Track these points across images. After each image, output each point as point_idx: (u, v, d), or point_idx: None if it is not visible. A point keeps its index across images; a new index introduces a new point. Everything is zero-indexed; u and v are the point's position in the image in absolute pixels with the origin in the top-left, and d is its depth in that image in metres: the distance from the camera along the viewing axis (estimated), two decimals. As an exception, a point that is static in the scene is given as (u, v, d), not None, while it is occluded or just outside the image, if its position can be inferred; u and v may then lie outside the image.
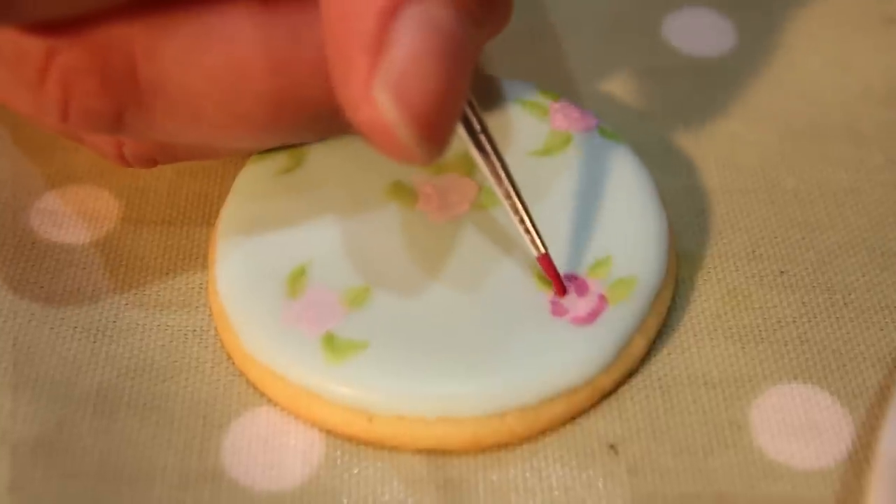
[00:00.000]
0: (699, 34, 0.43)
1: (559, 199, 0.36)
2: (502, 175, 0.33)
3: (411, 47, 0.27)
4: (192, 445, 0.33)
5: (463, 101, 0.29)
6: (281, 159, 0.36)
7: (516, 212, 0.33)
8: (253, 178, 0.36)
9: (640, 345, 0.34)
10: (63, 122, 0.30)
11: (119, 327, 0.35)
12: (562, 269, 0.34)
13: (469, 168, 0.36)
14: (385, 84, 0.27)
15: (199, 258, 0.37)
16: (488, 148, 0.32)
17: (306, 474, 0.32)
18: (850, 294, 0.36)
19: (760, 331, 0.35)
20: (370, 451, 0.33)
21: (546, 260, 0.34)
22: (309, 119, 0.32)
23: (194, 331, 0.35)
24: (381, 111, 0.28)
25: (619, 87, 0.41)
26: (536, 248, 0.34)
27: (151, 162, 0.35)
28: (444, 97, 0.28)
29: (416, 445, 0.32)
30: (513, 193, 0.33)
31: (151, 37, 0.30)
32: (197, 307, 0.36)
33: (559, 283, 0.34)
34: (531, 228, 0.33)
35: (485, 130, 0.32)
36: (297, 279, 0.34)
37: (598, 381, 0.33)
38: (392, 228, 0.35)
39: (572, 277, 0.34)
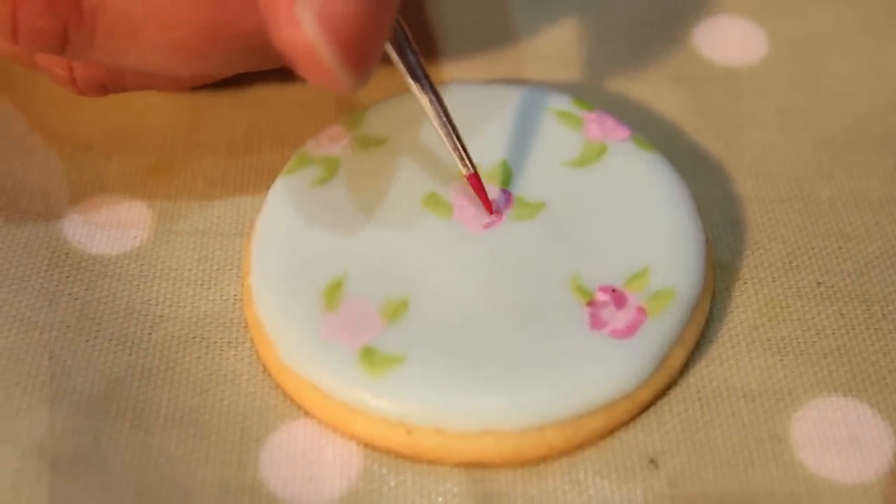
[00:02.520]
0: (731, 43, 0.43)
1: (595, 209, 0.36)
2: (433, 98, 0.34)
3: None
4: (230, 459, 0.33)
5: (388, 25, 0.30)
6: (315, 171, 0.36)
7: (448, 133, 0.35)
8: (287, 190, 0.36)
9: (678, 357, 0.34)
10: (13, 42, 0.32)
11: (154, 339, 0.35)
12: (599, 280, 0.34)
13: (505, 179, 0.36)
14: (308, 3, 0.28)
15: (233, 269, 0.37)
16: (420, 73, 0.34)
17: (345, 487, 0.32)
18: (888, 305, 0.36)
19: (799, 342, 0.35)
20: (409, 465, 0.33)
21: (475, 178, 0.35)
22: (243, 49, 0.33)
23: (230, 343, 0.35)
24: (304, 31, 0.28)
25: (652, 97, 0.41)
26: (466, 167, 0.35)
27: (102, 89, 0.36)
28: (367, 20, 0.29)
29: (454, 459, 0.32)
30: (443, 115, 0.34)
31: None
32: (232, 319, 0.36)
33: (487, 201, 0.35)
34: (461, 148, 0.35)
35: (416, 55, 0.34)
36: (333, 291, 0.34)
37: (637, 394, 0.33)
38: (428, 240, 0.35)
39: (610, 289, 0.34)
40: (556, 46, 0.42)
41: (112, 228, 0.37)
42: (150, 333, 0.35)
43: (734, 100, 0.41)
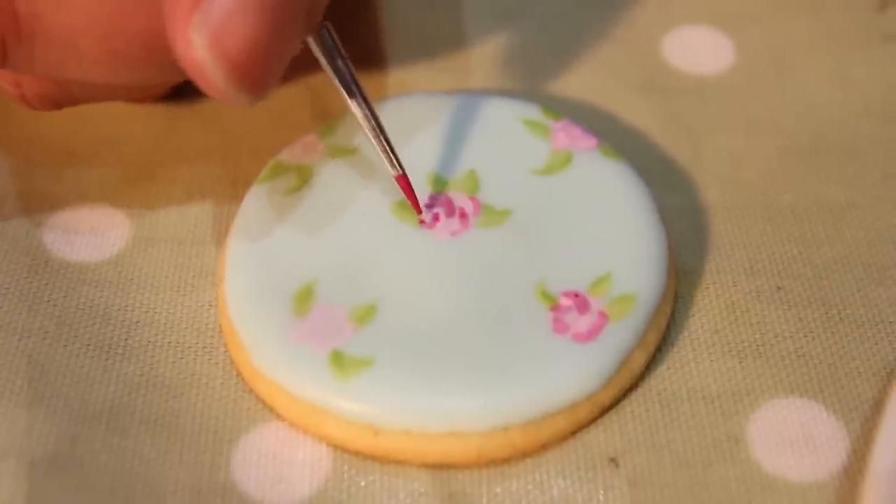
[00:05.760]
0: (699, 52, 0.44)
1: (560, 217, 0.36)
2: (362, 102, 0.35)
3: None
4: (203, 460, 0.34)
5: (287, 50, 0.31)
6: (289, 179, 0.37)
7: (376, 136, 0.35)
8: (261, 198, 0.37)
9: (639, 360, 0.35)
10: None
11: (131, 345, 0.36)
12: (563, 286, 0.35)
13: (473, 187, 0.37)
14: (202, 25, 0.29)
15: (208, 276, 0.37)
16: (348, 78, 0.34)
17: (314, 488, 0.33)
18: (845, 309, 0.36)
19: (758, 346, 0.36)
20: (377, 466, 0.33)
21: (404, 180, 0.36)
22: None
23: (204, 348, 0.36)
24: (195, 51, 0.29)
25: (619, 105, 0.42)
26: (395, 168, 0.36)
27: (54, 103, 0.36)
28: (262, 45, 0.30)
29: (421, 459, 0.33)
30: (372, 119, 0.35)
31: None
32: (207, 324, 0.36)
33: (416, 202, 0.36)
34: (389, 150, 0.36)
35: (345, 59, 0.34)
36: (304, 297, 0.35)
37: (598, 396, 0.34)
38: (397, 247, 0.36)
39: (573, 294, 0.35)
40: (525, 57, 0.43)
41: (91, 236, 0.38)
42: (126, 339, 0.36)
43: (701, 108, 0.42)
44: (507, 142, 0.38)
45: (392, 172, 0.36)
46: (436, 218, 0.36)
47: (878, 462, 0.32)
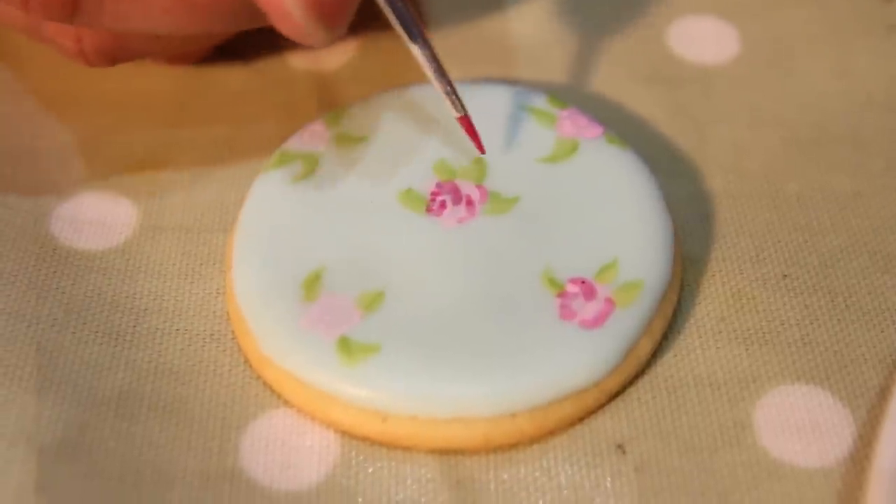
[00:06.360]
0: (703, 42, 0.44)
1: (567, 205, 0.37)
2: (423, 45, 0.35)
3: None
4: (211, 447, 0.34)
5: None
6: (296, 167, 0.37)
7: (439, 79, 0.35)
8: (269, 185, 0.37)
9: (646, 347, 0.35)
10: (25, 10, 0.32)
11: (139, 332, 0.36)
12: (570, 273, 0.35)
13: (480, 175, 0.37)
14: None
15: (216, 263, 0.38)
16: (409, 21, 0.34)
17: (322, 474, 0.33)
18: (851, 297, 0.37)
19: (764, 333, 0.36)
20: (384, 451, 0.34)
21: (466, 120, 0.36)
22: (245, 4, 0.33)
23: (212, 335, 0.36)
24: None
25: (625, 94, 0.42)
26: (458, 109, 0.36)
27: (110, 58, 0.36)
28: None
29: (429, 445, 0.33)
30: (434, 61, 0.35)
31: None
32: (214, 311, 0.36)
33: (479, 143, 0.37)
34: (452, 92, 0.36)
35: (404, 2, 0.34)
36: (312, 284, 0.35)
37: (605, 382, 0.34)
38: (404, 234, 0.36)
39: (580, 281, 0.35)
40: (532, 46, 0.43)
41: (98, 224, 0.38)
42: (134, 326, 0.36)
43: (706, 98, 0.42)
44: (513, 130, 0.38)
45: (454, 114, 0.36)
46: (443, 205, 0.36)
47: (885, 451, 0.32)
